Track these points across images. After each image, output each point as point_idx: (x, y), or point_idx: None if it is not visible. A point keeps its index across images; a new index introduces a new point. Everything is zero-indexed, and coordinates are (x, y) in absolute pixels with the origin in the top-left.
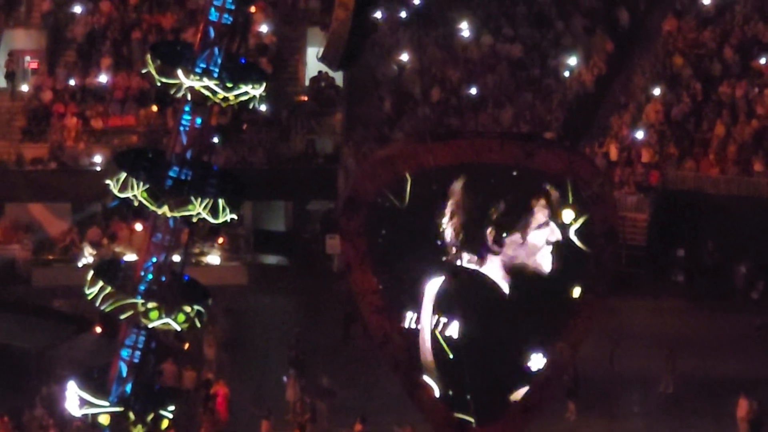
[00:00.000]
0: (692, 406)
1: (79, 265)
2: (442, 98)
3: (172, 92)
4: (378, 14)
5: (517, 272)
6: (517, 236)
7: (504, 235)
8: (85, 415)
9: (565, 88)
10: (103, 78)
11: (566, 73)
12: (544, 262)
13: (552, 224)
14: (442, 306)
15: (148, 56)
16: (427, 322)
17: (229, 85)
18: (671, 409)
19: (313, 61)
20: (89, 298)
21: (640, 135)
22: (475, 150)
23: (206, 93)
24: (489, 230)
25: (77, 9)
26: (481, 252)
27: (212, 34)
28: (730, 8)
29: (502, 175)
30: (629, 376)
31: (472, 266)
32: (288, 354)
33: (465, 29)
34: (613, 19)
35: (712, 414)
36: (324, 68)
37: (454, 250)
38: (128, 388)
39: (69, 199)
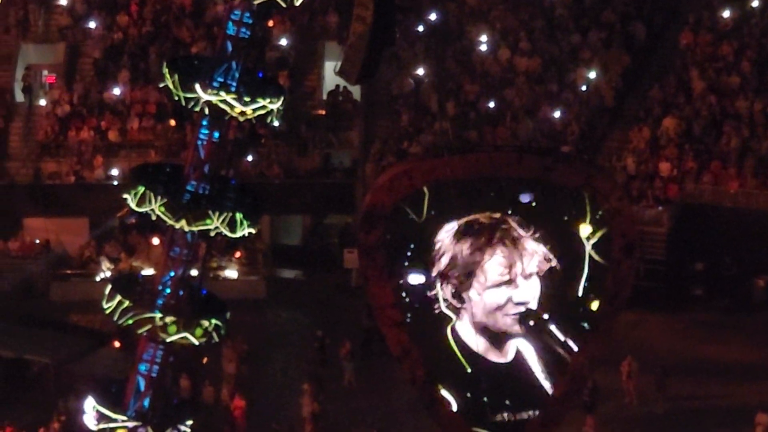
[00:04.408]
0: (711, 423)
1: (97, 279)
2: (460, 112)
3: (189, 106)
4: (396, 28)
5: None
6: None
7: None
8: (103, 430)
9: (582, 102)
10: (120, 92)
11: (584, 87)
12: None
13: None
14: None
15: (166, 70)
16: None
17: (247, 99)
18: (687, 427)
19: (330, 75)
20: (107, 312)
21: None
22: (493, 164)
23: (224, 107)
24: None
25: (94, 24)
26: None
27: (230, 48)
28: (747, 22)
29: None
30: (645, 390)
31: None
32: (306, 368)
33: (483, 43)
34: (630, 33)
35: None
36: (341, 82)
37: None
38: (146, 402)
39: (87, 214)
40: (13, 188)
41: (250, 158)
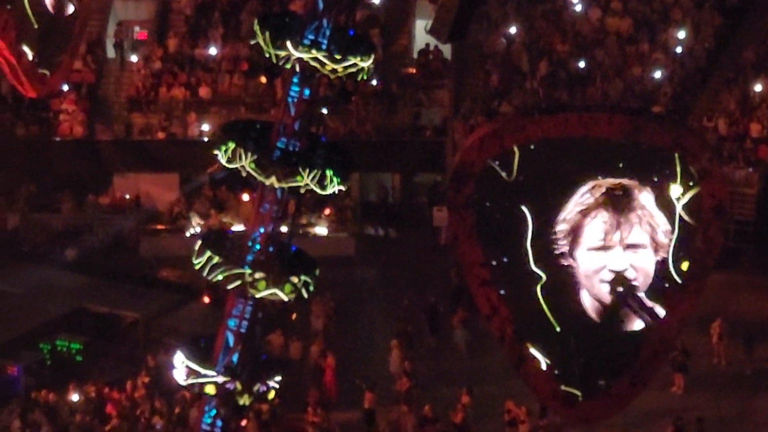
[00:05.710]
0: None
1: (187, 235)
2: (550, 72)
3: (280, 64)
4: None
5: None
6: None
7: None
8: (192, 385)
9: (673, 63)
10: (211, 49)
11: (675, 48)
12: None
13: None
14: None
15: (257, 27)
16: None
17: (338, 57)
18: None
19: (421, 34)
20: (197, 267)
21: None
22: (583, 124)
23: (314, 65)
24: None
25: None
26: None
27: (321, 5)
28: None
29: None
30: (734, 352)
31: None
32: (395, 325)
33: (574, 2)
34: None
35: None
36: (432, 41)
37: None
38: (235, 358)
39: (177, 170)
40: (104, 144)
41: (340, 116)
